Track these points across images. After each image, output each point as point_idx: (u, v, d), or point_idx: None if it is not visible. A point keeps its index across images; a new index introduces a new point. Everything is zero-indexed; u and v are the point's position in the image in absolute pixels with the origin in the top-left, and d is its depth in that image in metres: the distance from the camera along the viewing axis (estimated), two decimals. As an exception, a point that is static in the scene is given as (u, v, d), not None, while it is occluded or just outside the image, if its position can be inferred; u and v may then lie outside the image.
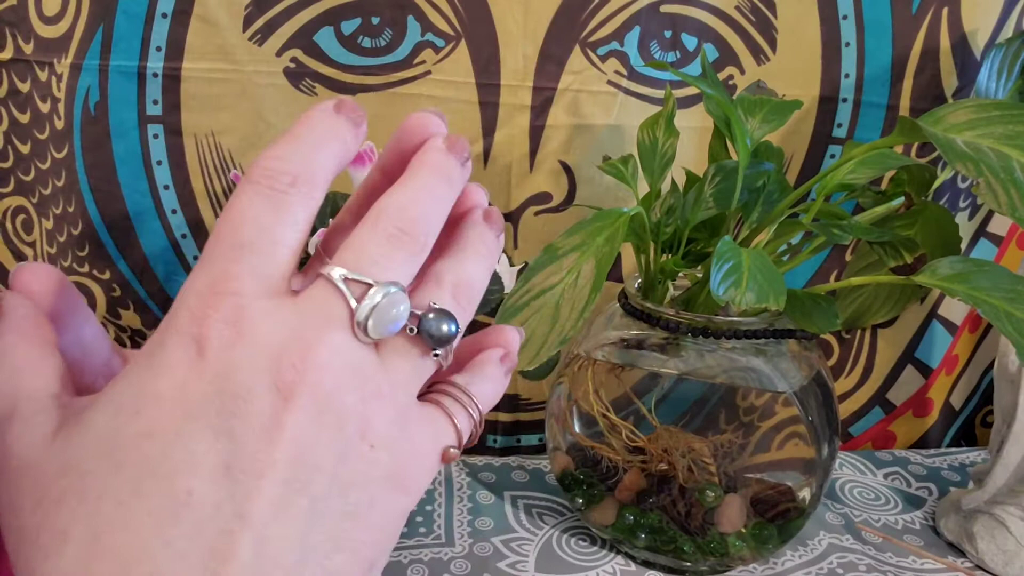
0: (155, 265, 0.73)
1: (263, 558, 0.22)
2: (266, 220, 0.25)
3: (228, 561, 0.21)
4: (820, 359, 0.61)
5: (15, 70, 0.69)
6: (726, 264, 0.49)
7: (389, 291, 0.25)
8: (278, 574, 0.22)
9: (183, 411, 0.22)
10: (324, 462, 0.23)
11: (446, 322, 0.26)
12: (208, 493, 0.22)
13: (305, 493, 0.23)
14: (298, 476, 0.23)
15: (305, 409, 0.23)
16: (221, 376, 0.22)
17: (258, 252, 0.24)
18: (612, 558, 0.63)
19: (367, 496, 0.24)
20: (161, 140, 0.69)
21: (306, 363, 0.23)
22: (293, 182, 0.25)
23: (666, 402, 0.61)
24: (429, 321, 0.26)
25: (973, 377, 0.82)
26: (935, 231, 0.62)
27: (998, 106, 0.48)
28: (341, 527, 0.24)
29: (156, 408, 0.22)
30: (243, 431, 0.22)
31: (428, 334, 0.26)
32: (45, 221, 0.73)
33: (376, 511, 0.25)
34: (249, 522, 0.22)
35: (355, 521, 0.24)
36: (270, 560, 0.22)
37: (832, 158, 0.72)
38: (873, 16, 0.68)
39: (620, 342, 0.61)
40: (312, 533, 0.23)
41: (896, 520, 0.69)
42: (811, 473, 0.60)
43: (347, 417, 0.24)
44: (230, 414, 0.22)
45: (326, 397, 0.23)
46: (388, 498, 0.25)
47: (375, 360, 0.25)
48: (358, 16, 0.67)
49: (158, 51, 0.67)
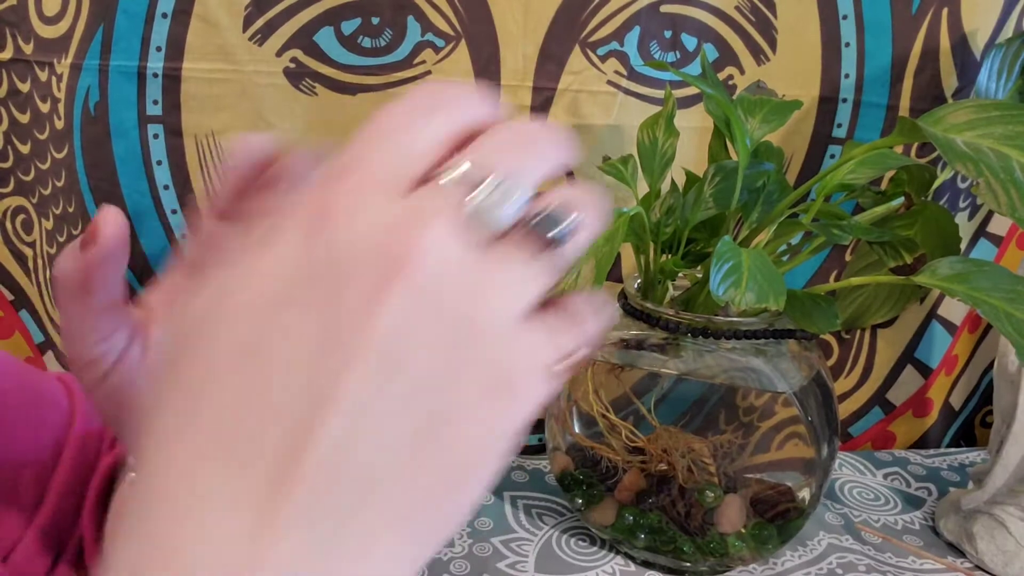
0: (155, 265, 0.73)
1: (343, 446, 0.21)
2: (404, 122, 0.24)
3: (311, 438, 0.21)
4: (820, 359, 0.61)
5: (15, 70, 0.69)
6: (726, 264, 0.49)
7: (503, 184, 0.24)
8: (353, 466, 0.21)
9: (283, 287, 0.22)
10: (419, 351, 0.22)
11: (563, 217, 0.25)
12: (298, 371, 0.21)
13: (395, 380, 0.22)
14: (390, 362, 0.22)
15: (403, 294, 0.22)
16: (326, 255, 0.22)
17: (390, 149, 0.24)
18: (612, 558, 0.63)
19: (459, 399, 0.22)
20: (161, 140, 0.69)
21: (411, 249, 0.22)
22: (438, 104, 0.25)
23: (666, 402, 0.61)
24: (544, 218, 0.25)
25: (973, 377, 0.82)
26: (935, 231, 0.62)
27: (998, 106, 0.48)
28: (428, 429, 0.22)
29: (258, 284, 0.22)
30: (340, 311, 0.22)
31: (543, 230, 0.24)
32: (45, 221, 0.73)
33: (471, 419, 0.23)
34: (335, 403, 0.21)
35: (442, 426, 0.22)
36: (349, 448, 0.21)
37: (832, 158, 0.72)
38: (873, 16, 0.68)
39: (620, 342, 0.61)
40: (397, 429, 0.22)
41: (896, 520, 0.69)
42: (811, 473, 0.60)
43: (447, 306, 0.22)
44: (329, 293, 0.22)
45: (426, 285, 0.22)
46: (487, 406, 0.23)
47: (483, 257, 0.24)
48: (358, 16, 0.67)
49: (158, 51, 0.67)
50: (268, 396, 0.21)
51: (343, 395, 0.21)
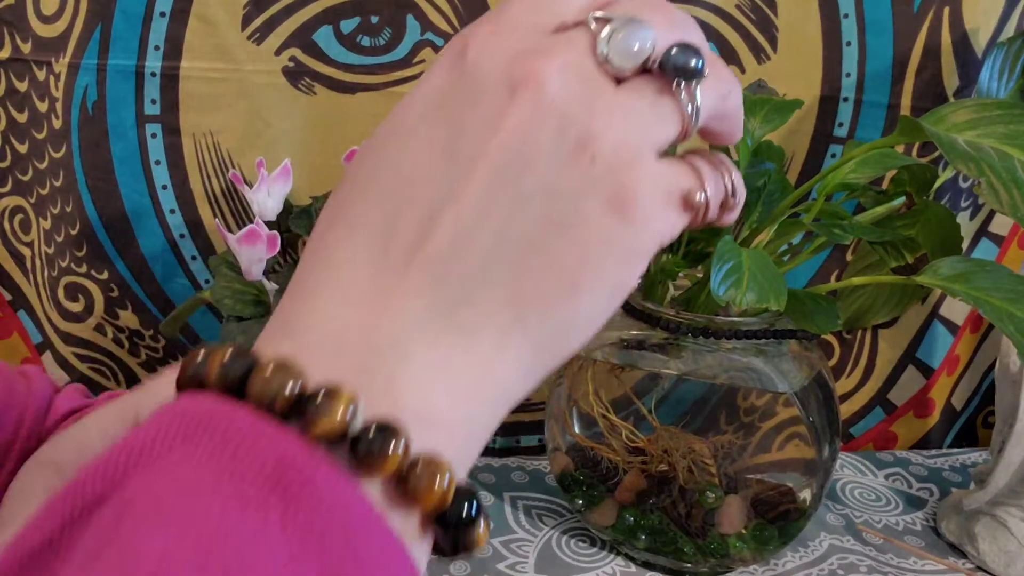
0: (153, 265, 0.72)
1: (462, 235, 0.24)
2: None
3: (433, 232, 0.24)
4: (821, 359, 0.61)
5: (13, 69, 0.69)
6: (726, 264, 0.49)
7: (634, 22, 0.25)
8: (470, 254, 0.24)
9: (426, 108, 0.25)
10: (537, 160, 0.24)
11: (693, 56, 0.25)
12: (429, 174, 0.24)
13: (512, 185, 0.24)
14: (509, 167, 0.24)
15: (527, 104, 0.24)
16: (466, 76, 0.25)
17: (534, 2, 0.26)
18: (612, 559, 0.62)
19: (576, 209, 0.24)
20: (159, 140, 0.69)
21: (539, 67, 0.24)
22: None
23: (666, 403, 0.61)
24: (673, 55, 0.25)
25: (974, 377, 0.81)
26: (936, 231, 0.62)
27: (999, 105, 0.48)
28: (541, 232, 0.24)
29: (410, 108, 0.26)
30: (469, 121, 0.24)
31: (672, 66, 0.25)
32: (43, 221, 0.73)
33: (587, 230, 0.24)
34: (457, 202, 0.24)
35: (558, 232, 0.24)
36: (468, 238, 0.24)
37: (833, 157, 0.72)
38: (874, 15, 0.68)
39: (620, 342, 0.61)
40: (511, 228, 0.24)
41: (897, 521, 0.69)
42: (812, 474, 0.60)
43: (569, 122, 0.24)
44: (464, 107, 0.25)
45: (550, 98, 0.24)
46: (603, 220, 0.24)
47: (611, 86, 0.25)
48: (357, 15, 0.67)
49: (156, 50, 0.66)
50: (408, 190, 0.24)
51: (464, 196, 0.24)
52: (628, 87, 0.26)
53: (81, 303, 0.73)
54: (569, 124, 0.24)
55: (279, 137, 0.69)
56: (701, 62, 0.26)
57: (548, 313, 0.24)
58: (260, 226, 0.58)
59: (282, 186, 0.63)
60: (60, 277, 0.73)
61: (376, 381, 0.23)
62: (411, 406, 0.23)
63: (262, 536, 0.20)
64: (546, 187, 0.24)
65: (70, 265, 0.72)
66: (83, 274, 0.72)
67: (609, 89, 0.25)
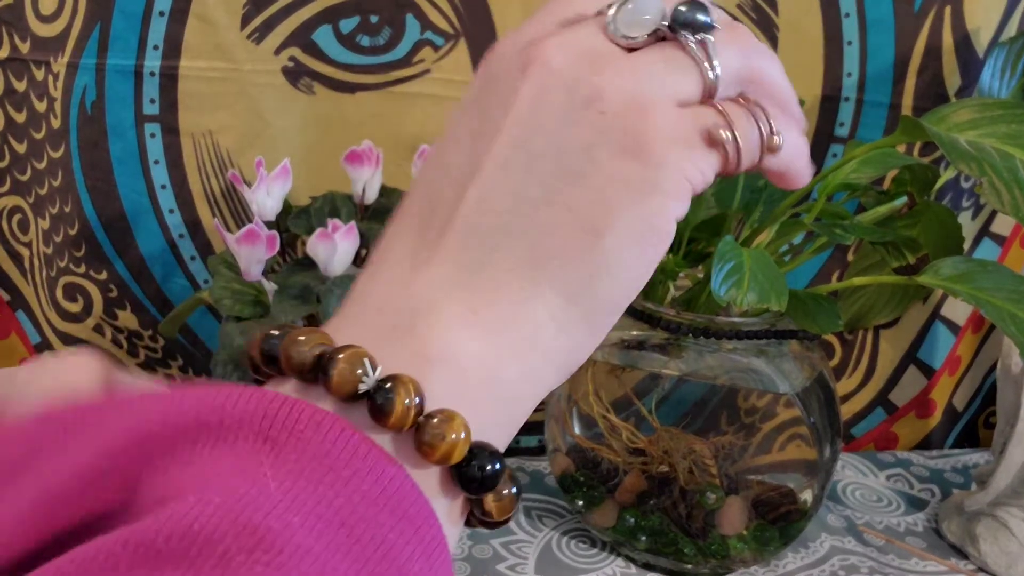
0: (152, 265, 0.72)
1: (483, 202, 0.26)
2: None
3: (459, 206, 0.26)
4: (822, 360, 0.61)
5: (11, 69, 0.69)
6: (727, 264, 0.49)
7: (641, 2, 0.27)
8: (491, 217, 0.26)
9: (466, 102, 0.28)
10: (548, 122, 0.26)
11: (699, 11, 0.27)
12: (460, 159, 0.27)
13: (524, 149, 0.26)
14: (523, 134, 0.26)
15: (535, 78, 0.26)
16: (490, 68, 0.28)
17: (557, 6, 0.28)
18: (612, 560, 0.62)
19: (589, 158, 0.26)
20: (158, 139, 0.69)
21: (546, 46, 0.27)
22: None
23: (667, 403, 0.60)
24: (681, 12, 0.27)
25: (976, 378, 0.81)
26: (938, 231, 0.62)
27: (1001, 105, 0.48)
28: (557, 185, 0.26)
29: (457, 107, 0.29)
30: (489, 104, 0.27)
31: (680, 22, 0.27)
32: (41, 221, 0.73)
33: (600, 176, 0.26)
34: (479, 174, 0.26)
35: (572, 182, 0.26)
36: (488, 204, 0.26)
37: (834, 157, 0.72)
38: (875, 14, 0.68)
39: (620, 343, 0.61)
40: (528, 187, 0.26)
41: (898, 522, 0.69)
42: (813, 475, 0.60)
43: (577, 85, 0.26)
44: (488, 95, 0.28)
45: (557, 68, 0.26)
46: (617, 164, 0.26)
47: (622, 53, 0.27)
48: (357, 14, 0.67)
49: (155, 50, 0.66)
50: (446, 173, 0.27)
51: (484, 168, 0.26)
52: (641, 52, 0.27)
53: (80, 303, 0.73)
54: (576, 87, 0.26)
55: (278, 137, 0.69)
56: (708, 15, 0.27)
57: (570, 261, 0.26)
58: (259, 226, 0.58)
59: (281, 186, 0.62)
60: (58, 277, 0.72)
61: (405, 336, 0.25)
62: (437, 353, 0.25)
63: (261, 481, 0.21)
64: (558, 144, 0.26)
65: (68, 265, 0.72)
66: (82, 274, 0.72)
67: (620, 55, 0.27)
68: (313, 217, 0.64)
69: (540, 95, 0.26)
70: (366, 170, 0.64)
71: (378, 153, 0.64)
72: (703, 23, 0.27)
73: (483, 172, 0.26)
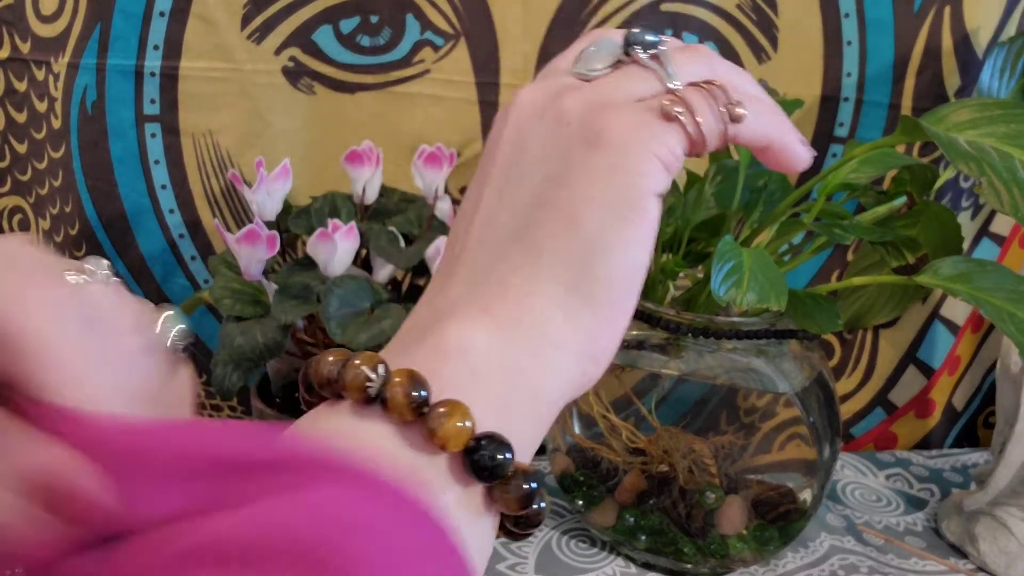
0: (153, 265, 0.72)
1: (486, 223, 0.30)
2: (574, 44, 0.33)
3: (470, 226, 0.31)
4: (822, 360, 0.61)
5: (12, 69, 0.69)
6: (727, 264, 0.49)
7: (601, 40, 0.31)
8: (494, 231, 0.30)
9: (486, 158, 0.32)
10: (529, 144, 0.31)
11: (649, 33, 0.31)
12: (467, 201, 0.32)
13: (514, 169, 0.31)
14: (511, 159, 0.31)
15: (512, 116, 0.31)
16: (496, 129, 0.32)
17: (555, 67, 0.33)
18: (612, 560, 0.62)
19: (565, 162, 0.29)
20: (159, 139, 0.69)
21: (522, 91, 0.32)
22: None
23: (666, 403, 0.61)
24: (633, 33, 0.31)
25: (975, 378, 0.81)
26: (937, 231, 0.62)
27: (1000, 105, 0.48)
28: (542, 188, 0.30)
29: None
30: (487, 158, 0.32)
31: (632, 43, 0.31)
32: (42, 221, 0.73)
33: (573, 171, 0.29)
34: (481, 203, 0.31)
35: (555, 184, 0.29)
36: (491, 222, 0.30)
37: (834, 157, 0.72)
38: (875, 14, 0.68)
39: (620, 342, 0.61)
40: (519, 198, 0.30)
41: (898, 522, 0.69)
42: (812, 474, 0.60)
43: (545, 110, 0.30)
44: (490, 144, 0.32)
45: (528, 103, 0.31)
46: (584, 157, 0.29)
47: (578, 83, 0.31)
48: (357, 15, 0.67)
49: (156, 50, 0.66)
50: (462, 216, 0.32)
51: (484, 198, 0.31)
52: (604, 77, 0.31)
53: (80, 303, 0.73)
54: (545, 112, 0.30)
55: (278, 137, 0.69)
56: (657, 35, 0.31)
57: (560, 250, 0.29)
58: (259, 226, 0.58)
59: (281, 186, 0.62)
60: (59, 277, 0.72)
61: (428, 339, 0.28)
62: (452, 346, 0.27)
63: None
64: (539, 157, 0.30)
65: (69, 265, 0.72)
66: (82, 274, 0.72)
67: (584, 84, 0.31)
68: (313, 217, 0.64)
69: (519, 126, 0.31)
70: (366, 170, 0.64)
71: (378, 153, 0.64)
72: (653, 41, 0.31)
73: (484, 200, 0.31)
